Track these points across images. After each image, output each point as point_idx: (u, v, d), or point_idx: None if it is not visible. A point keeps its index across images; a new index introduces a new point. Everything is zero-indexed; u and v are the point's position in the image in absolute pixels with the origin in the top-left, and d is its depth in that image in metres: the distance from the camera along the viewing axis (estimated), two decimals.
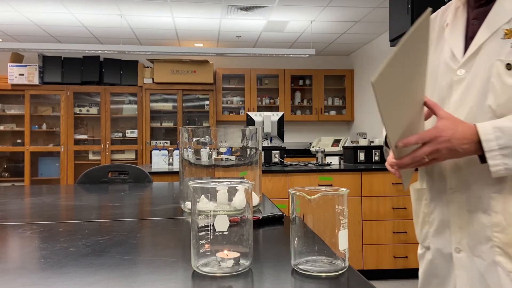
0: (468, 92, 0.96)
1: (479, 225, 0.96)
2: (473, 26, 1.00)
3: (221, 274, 0.68)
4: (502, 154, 0.86)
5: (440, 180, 1.04)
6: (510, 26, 0.92)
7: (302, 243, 0.72)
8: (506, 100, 0.90)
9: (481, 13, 0.98)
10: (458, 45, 1.01)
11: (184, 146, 1.21)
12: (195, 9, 4.53)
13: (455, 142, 0.87)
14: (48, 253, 0.81)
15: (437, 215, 1.06)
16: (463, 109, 0.97)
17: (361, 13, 4.68)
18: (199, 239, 0.69)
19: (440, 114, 0.91)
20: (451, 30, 1.04)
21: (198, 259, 0.70)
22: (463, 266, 1.00)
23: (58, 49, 5.02)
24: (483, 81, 0.94)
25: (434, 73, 1.05)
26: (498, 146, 0.86)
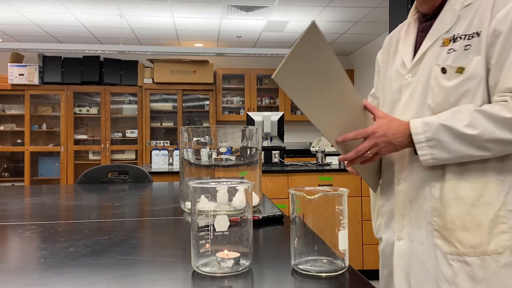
0: (413, 94, 1.09)
1: (419, 212, 1.06)
2: (420, 37, 1.13)
3: (221, 274, 0.68)
4: (429, 146, 0.98)
5: (389, 173, 1.16)
6: (448, 36, 1.05)
7: (302, 243, 0.72)
8: (441, 100, 1.03)
9: (427, 26, 1.12)
10: (407, 54, 1.14)
11: (184, 146, 1.21)
12: (195, 9, 4.53)
13: (390, 136, 1.01)
14: (48, 253, 0.81)
15: (387, 207, 1.17)
16: (410, 109, 1.09)
17: (361, 13, 4.68)
18: (199, 239, 0.69)
19: (377, 114, 1.04)
20: (403, 42, 1.18)
21: (198, 259, 0.70)
22: (401, 253, 1.09)
23: (58, 49, 5.02)
24: (424, 83, 1.07)
25: (388, 79, 1.20)
26: (425, 138, 0.99)
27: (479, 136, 0.94)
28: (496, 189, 0.98)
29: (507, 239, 0.96)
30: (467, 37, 1.01)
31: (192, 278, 0.67)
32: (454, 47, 1.02)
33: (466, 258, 0.98)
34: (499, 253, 0.96)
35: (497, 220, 0.97)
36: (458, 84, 1.00)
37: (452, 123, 0.97)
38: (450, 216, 1.00)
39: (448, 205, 1.01)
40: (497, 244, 0.96)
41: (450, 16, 1.06)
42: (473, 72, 0.98)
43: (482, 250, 0.97)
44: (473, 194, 0.99)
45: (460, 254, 0.99)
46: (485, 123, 0.94)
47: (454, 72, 1.01)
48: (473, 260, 0.97)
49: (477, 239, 0.97)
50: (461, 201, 0.99)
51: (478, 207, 0.98)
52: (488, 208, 0.97)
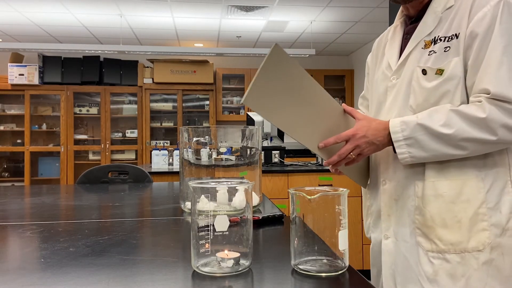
0: (397, 96, 1.11)
1: (404, 210, 1.08)
2: (405, 40, 1.15)
3: (221, 274, 0.68)
4: (407, 144, 1.01)
5: (376, 174, 1.18)
6: (429, 38, 1.07)
7: (302, 243, 0.72)
8: (422, 100, 1.05)
9: (411, 28, 1.14)
10: (393, 57, 1.17)
11: (184, 146, 1.21)
12: (195, 9, 4.53)
13: (371, 136, 1.03)
14: (48, 253, 0.81)
15: (374, 207, 1.19)
16: (393, 110, 1.11)
17: (361, 13, 4.68)
18: (199, 239, 0.69)
19: (357, 117, 1.07)
20: (390, 45, 1.21)
21: (198, 259, 0.70)
22: (388, 252, 1.11)
23: (58, 49, 5.02)
24: (407, 85, 1.09)
25: (375, 81, 1.22)
26: (403, 137, 1.01)
27: (454, 136, 0.96)
28: (476, 186, 0.99)
29: (487, 237, 0.97)
30: (446, 39, 1.03)
31: (192, 278, 0.67)
32: (435, 49, 1.04)
33: (446, 256, 0.99)
34: (479, 250, 0.97)
35: (477, 218, 0.98)
36: (437, 85, 1.02)
37: (428, 123, 0.98)
38: (430, 213, 1.02)
39: (428, 202, 1.02)
40: (477, 241, 0.97)
41: (432, 19, 1.08)
42: (452, 73, 1.00)
43: (462, 247, 0.98)
44: (452, 191, 1.00)
45: (440, 251, 1.00)
46: (460, 123, 0.96)
47: (434, 73, 1.03)
48: (453, 257, 0.99)
49: (457, 236, 0.98)
50: (441, 198, 1.01)
51: (457, 204, 0.99)
52: (467, 206, 0.98)
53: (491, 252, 0.97)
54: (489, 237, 0.97)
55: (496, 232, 0.97)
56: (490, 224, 0.97)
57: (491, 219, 0.97)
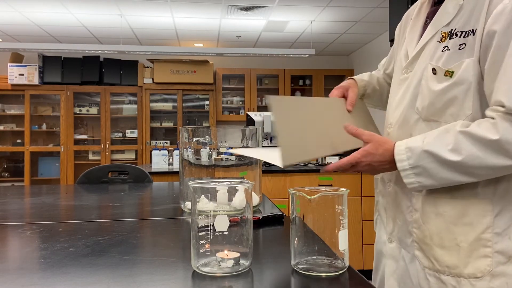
0: (406, 93, 1.01)
1: (403, 220, 1.02)
2: (425, 25, 1.02)
3: (221, 274, 0.68)
4: (414, 173, 0.90)
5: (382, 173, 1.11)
6: (447, 29, 0.93)
7: (302, 243, 0.72)
8: (428, 104, 0.94)
9: (432, 12, 1.00)
10: (411, 43, 1.04)
11: (184, 146, 1.21)
12: (195, 9, 4.53)
13: (376, 164, 0.95)
14: (48, 253, 0.81)
15: (380, 205, 1.13)
16: (400, 108, 1.03)
17: (361, 13, 4.68)
18: (199, 239, 0.69)
19: (363, 140, 0.97)
20: (412, 26, 1.08)
21: (198, 259, 0.70)
22: (392, 255, 1.06)
23: (58, 49, 5.02)
24: (417, 82, 0.98)
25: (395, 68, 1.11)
26: (409, 165, 0.91)
27: (464, 163, 0.85)
28: (483, 209, 0.89)
29: (488, 264, 0.87)
30: (463, 34, 0.90)
31: (192, 278, 0.67)
32: (449, 45, 0.92)
33: (442, 277, 0.92)
34: (476, 278, 0.88)
35: (479, 243, 0.88)
36: (445, 88, 0.90)
37: (435, 149, 0.88)
38: (429, 231, 0.94)
39: (427, 219, 0.95)
40: (475, 268, 0.88)
41: (453, 5, 0.93)
42: (462, 77, 0.88)
43: (458, 271, 0.90)
44: (454, 211, 0.91)
45: (436, 271, 0.93)
46: (469, 147, 0.84)
47: (443, 74, 0.91)
48: (448, 280, 0.91)
49: (454, 260, 0.90)
50: (441, 217, 0.93)
51: (459, 226, 0.90)
52: (469, 229, 0.89)
53: (491, 280, 0.87)
54: (490, 265, 0.87)
55: (501, 260, 0.87)
56: (494, 251, 0.87)
57: (497, 246, 0.87)
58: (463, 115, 0.90)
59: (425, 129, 0.95)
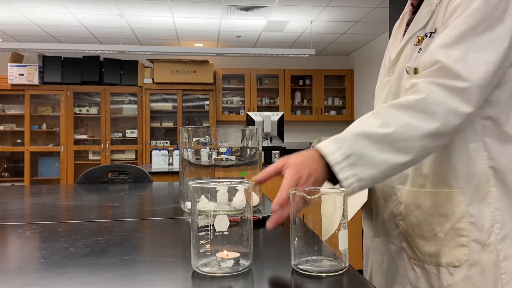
0: (388, 94, 1.03)
1: (390, 213, 1.02)
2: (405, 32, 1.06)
3: (221, 274, 0.68)
4: (350, 164, 0.79)
5: None
6: (422, 33, 0.96)
7: (302, 243, 0.72)
8: None
9: (410, 20, 1.04)
10: (394, 50, 1.07)
11: (184, 146, 1.21)
12: (195, 9, 4.53)
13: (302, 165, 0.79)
14: (48, 253, 0.81)
15: (368, 201, 1.13)
16: None
17: (361, 13, 4.68)
18: (199, 239, 0.69)
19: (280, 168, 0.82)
20: (394, 35, 1.12)
21: (198, 259, 0.70)
22: (379, 250, 1.08)
23: (58, 49, 5.02)
24: (396, 85, 1.00)
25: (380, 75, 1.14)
26: (342, 155, 0.79)
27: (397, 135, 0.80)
28: (456, 200, 0.90)
29: (465, 253, 0.89)
30: (431, 35, 0.93)
31: (192, 278, 0.67)
32: (422, 47, 0.95)
33: (425, 266, 0.94)
34: (454, 266, 0.90)
35: (455, 233, 0.90)
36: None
37: (365, 129, 0.82)
38: (411, 223, 0.96)
39: (409, 211, 0.97)
40: (453, 257, 0.90)
41: (426, 11, 0.96)
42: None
43: (437, 260, 0.92)
44: (431, 203, 0.93)
45: (420, 261, 0.95)
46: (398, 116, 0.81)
47: (413, 73, 0.92)
48: (431, 269, 0.93)
49: (433, 249, 0.92)
50: (420, 209, 0.94)
51: (435, 217, 0.92)
52: (444, 220, 0.91)
53: (469, 269, 0.89)
54: (467, 254, 0.89)
55: (476, 249, 0.88)
56: (470, 240, 0.88)
57: (473, 234, 0.88)
58: None
59: None
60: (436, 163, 0.93)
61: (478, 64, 0.82)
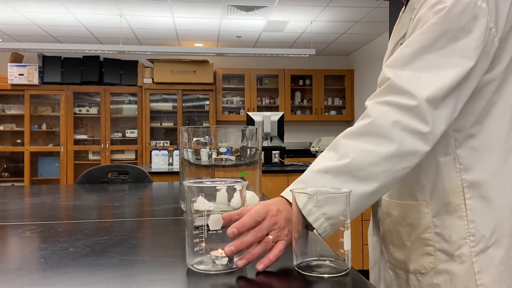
0: None
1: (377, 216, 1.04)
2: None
3: (215, 272, 0.69)
4: (315, 205, 0.74)
5: None
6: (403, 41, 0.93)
7: (304, 244, 0.72)
8: None
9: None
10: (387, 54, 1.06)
11: (184, 146, 1.21)
12: (195, 9, 4.53)
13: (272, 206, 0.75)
14: (48, 253, 0.81)
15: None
16: None
17: (361, 13, 4.68)
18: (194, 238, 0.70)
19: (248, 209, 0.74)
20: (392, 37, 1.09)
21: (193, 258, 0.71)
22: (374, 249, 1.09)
23: (58, 49, 5.02)
24: None
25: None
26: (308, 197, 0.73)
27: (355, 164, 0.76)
28: (421, 211, 0.90)
29: (430, 262, 0.89)
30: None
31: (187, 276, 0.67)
32: None
33: (397, 271, 0.97)
34: (421, 273, 0.91)
35: (420, 242, 0.90)
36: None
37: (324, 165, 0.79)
38: (384, 230, 0.99)
39: (384, 219, 0.99)
40: (419, 265, 0.91)
41: (408, 18, 0.94)
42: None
43: (405, 267, 0.94)
44: (399, 213, 0.94)
45: (393, 265, 0.98)
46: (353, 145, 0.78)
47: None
48: (401, 274, 0.95)
49: (402, 256, 0.94)
50: (390, 218, 0.97)
51: (403, 226, 0.94)
52: (411, 229, 0.92)
53: (435, 277, 0.89)
54: (433, 262, 0.89)
55: (443, 258, 0.88)
56: (436, 249, 0.88)
57: (438, 245, 0.88)
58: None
59: None
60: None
61: (431, 80, 0.77)
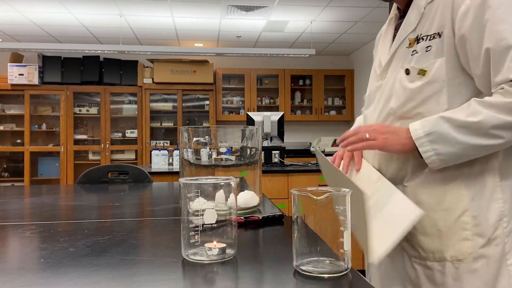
0: (380, 98, 1.07)
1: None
2: (394, 37, 1.09)
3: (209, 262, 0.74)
4: (429, 140, 0.90)
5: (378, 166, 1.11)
6: (413, 36, 1.00)
7: (304, 243, 0.72)
8: (404, 100, 0.99)
9: (399, 24, 1.07)
10: (383, 54, 1.11)
11: (184, 146, 1.21)
12: (195, 9, 4.52)
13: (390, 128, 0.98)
14: (48, 253, 0.80)
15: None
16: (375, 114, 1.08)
17: (361, 13, 4.68)
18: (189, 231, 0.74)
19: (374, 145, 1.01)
20: (382, 40, 1.15)
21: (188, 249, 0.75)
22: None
23: (58, 49, 5.01)
24: (390, 87, 1.04)
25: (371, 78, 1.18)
26: (424, 132, 0.91)
27: (483, 122, 0.86)
28: (458, 194, 0.93)
29: (468, 247, 0.90)
30: (428, 38, 0.96)
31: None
32: (417, 49, 0.98)
33: (428, 263, 0.95)
34: (459, 260, 0.91)
35: (458, 226, 0.92)
36: (421, 86, 0.96)
37: (451, 115, 0.90)
38: None
39: None
40: (457, 250, 0.92)
41: (415, 15, 1.00)
42: (435, 76, 0.94)
43: (441, 256, 0.93)
44: (432, 199, 0.95)
45: (423, 259, 0.96)
46: (486, 110, 0.86)
47: (416, 73, 0.97)
48: (434, 265, 0.94)
49: (436, 245, 0.94)
50: (421, 206, 0.94)
51: (437, 212, 0.94)
52: (447, 214, 0.93)
53: (474, 262, 0.90)
54: (472, 247, 0.90)
55: (481, 242, 0.90)
56: (473, 234, 0.90)
57: (476, 228, 0.91)
58: (440, 110, 0.94)
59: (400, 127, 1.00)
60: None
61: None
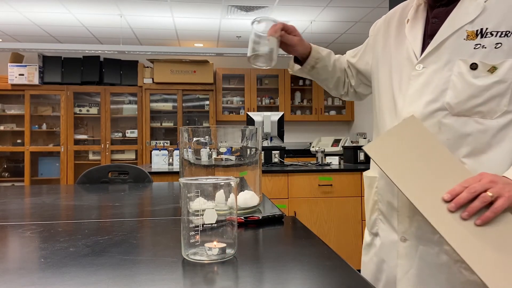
0: (425, 87, 1.00)
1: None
2: (433, 24, 1.03)
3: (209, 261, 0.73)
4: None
5: None
6: (472, 28, 0.95)
7: None
8: (466, 98, 0.94)
9: (441, 12, 1.02)
10: (416, 41, 1.05)
11: (184, 146, 1.21)
12: (195, 9, 4.53)
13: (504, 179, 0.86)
14: (48, 253, 0.81)
15: (386, 203, 1.09)
16: (419, 103, 1.00)
17: (361, 13, 4.68)
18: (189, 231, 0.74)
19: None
20: (411, 26, 1.08)
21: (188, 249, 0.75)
22: (406, 255, 1.02)
23: (58, 49, 5.02)
24: (443, 78, 0.97)
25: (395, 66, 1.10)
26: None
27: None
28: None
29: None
30: (498, 34, 0.92)
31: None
32: (483, 43, 0.93)
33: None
34: None
35: None
36: (489, 85, 0.92)
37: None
38: None
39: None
40: None
41: (473, 6, 0.96)
42: (506, 75, 0.91)
43: None
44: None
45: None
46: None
47: (486, 70, 0.92)
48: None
49: None
50: None
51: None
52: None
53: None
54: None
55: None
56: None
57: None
58: (499, 111, 0.92)
59: (453, 124, 0.96)
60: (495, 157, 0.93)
61: None
